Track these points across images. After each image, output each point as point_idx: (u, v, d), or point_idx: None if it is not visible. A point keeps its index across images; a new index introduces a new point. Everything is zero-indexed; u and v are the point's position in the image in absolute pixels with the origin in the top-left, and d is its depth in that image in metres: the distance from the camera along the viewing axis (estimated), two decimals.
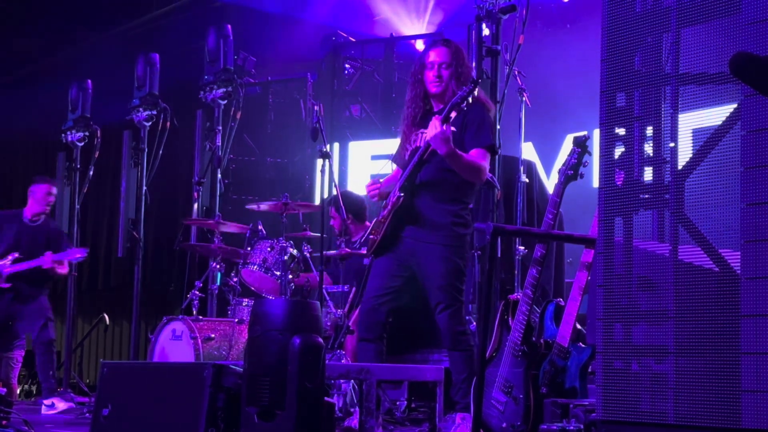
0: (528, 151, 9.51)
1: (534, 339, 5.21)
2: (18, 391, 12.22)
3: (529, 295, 5.21)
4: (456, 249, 5.95)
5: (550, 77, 10.17)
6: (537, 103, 8.41)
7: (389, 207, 6.02)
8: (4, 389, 7.39)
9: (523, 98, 7.98)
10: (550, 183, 9.02)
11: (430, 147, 5.82)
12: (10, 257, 9.15)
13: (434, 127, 5.73)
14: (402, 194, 5.95)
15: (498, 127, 6.71)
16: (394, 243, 6.04)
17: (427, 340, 7.54)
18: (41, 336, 9.40)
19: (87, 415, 8.00)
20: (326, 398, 4.99)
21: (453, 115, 5.78)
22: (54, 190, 9.54)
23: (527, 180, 7.98)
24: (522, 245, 7.58)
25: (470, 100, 5.78)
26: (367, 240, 6.24)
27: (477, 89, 5.81)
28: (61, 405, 8.60)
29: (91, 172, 10.65)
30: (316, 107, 7.75)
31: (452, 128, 5.80)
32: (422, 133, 6.05)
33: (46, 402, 8.82)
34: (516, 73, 7.56)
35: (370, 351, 6.04)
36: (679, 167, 3.64)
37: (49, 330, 9.47)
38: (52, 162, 13.54)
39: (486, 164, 5.97)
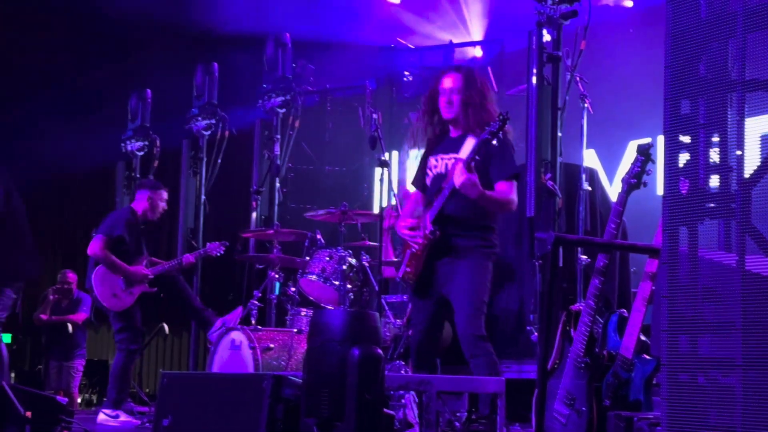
0: (590, 159, 9.39)
1: (597, 350, 5.15)
2: (79, 401, 12.33)
3: (592, 305, 5.15)
4: (482, 269, 6.05)
5: (613, 83, 10.05)
6: (599, 110, 8.30)
7: (422, 242, 6.09)
8: (66, 399, 7.43)
9: (585, 105, 7.88)
10: (612, 190, 8.91)
11: (457, 189, 5.89)
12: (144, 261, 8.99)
13: (460, 174, 5.81)
14: (438, 231, 6.04)
15: (560, 134, 6.65)
16: (430, 274, 6.14)
17: None
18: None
19: (147, 425, 8.01)
20: (385, 410, 4.96)
21: (477, 157, 5.85)
22: (166, 196, 9.20)
23: (589, 188, 7.87)
24: (584, 254, 7.49)
25: (500, 137, 5.84)
26: (405, 273, 6.27)
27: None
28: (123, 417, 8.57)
29: None
30: (374, 115, 7.71)
31: (477, 157, 5.86)
32: (441, 158, 6.22)
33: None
34: (578, 79, 7.49)
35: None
36: (746, 175, 3.56)
37: None
38: (111, 171, 13.64)
39: (514, 195, 6.07)
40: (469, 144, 6.05)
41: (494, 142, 5.82)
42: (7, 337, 14.32)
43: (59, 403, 6.55)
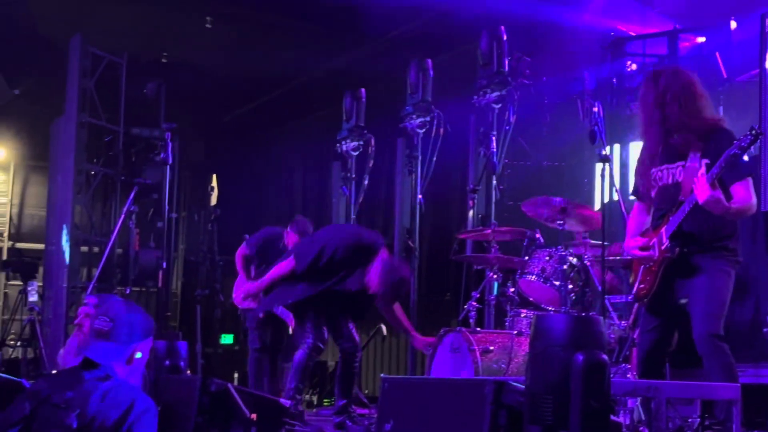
0: None
1: None
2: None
3: None
4: (724, 274, 5.83)
5: None
6: None
7: (658, 258, 5.91)
8: (289, 401, 7.47)
9: None
10: None
11: (696, 203, 5.69)
12: None
13: (704, 190, 5.58)
14: (677, 248, 5.85)
15: None
16: (666, 289, 5.95)
17: None
18: None
19: (372, 429, 7.96)
20: (612, 417, 4.78)
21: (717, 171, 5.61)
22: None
23: None
24: None
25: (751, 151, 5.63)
26: (638, 290, 6.09)
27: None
28: None
29: (366, 181, 10.70)
30: (594, 108, 7.44)
31: (706, 161, 5.69)
32: (667, 168, 5.98)
33: None
34: None
35: None
36: None
37: None
38: (327, 172, 13.75)
39: (753, 198, 5.80)
40: (695, 149, 5.84)
41: (745, 157, 5.61)
42: (228, 338, 14.65)
43: (282, 405, 6.58)
